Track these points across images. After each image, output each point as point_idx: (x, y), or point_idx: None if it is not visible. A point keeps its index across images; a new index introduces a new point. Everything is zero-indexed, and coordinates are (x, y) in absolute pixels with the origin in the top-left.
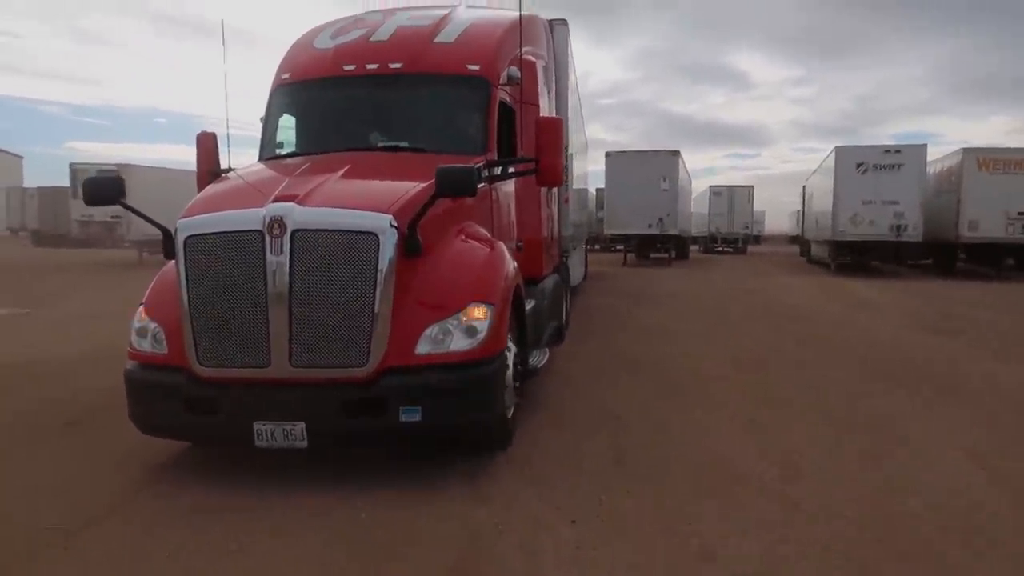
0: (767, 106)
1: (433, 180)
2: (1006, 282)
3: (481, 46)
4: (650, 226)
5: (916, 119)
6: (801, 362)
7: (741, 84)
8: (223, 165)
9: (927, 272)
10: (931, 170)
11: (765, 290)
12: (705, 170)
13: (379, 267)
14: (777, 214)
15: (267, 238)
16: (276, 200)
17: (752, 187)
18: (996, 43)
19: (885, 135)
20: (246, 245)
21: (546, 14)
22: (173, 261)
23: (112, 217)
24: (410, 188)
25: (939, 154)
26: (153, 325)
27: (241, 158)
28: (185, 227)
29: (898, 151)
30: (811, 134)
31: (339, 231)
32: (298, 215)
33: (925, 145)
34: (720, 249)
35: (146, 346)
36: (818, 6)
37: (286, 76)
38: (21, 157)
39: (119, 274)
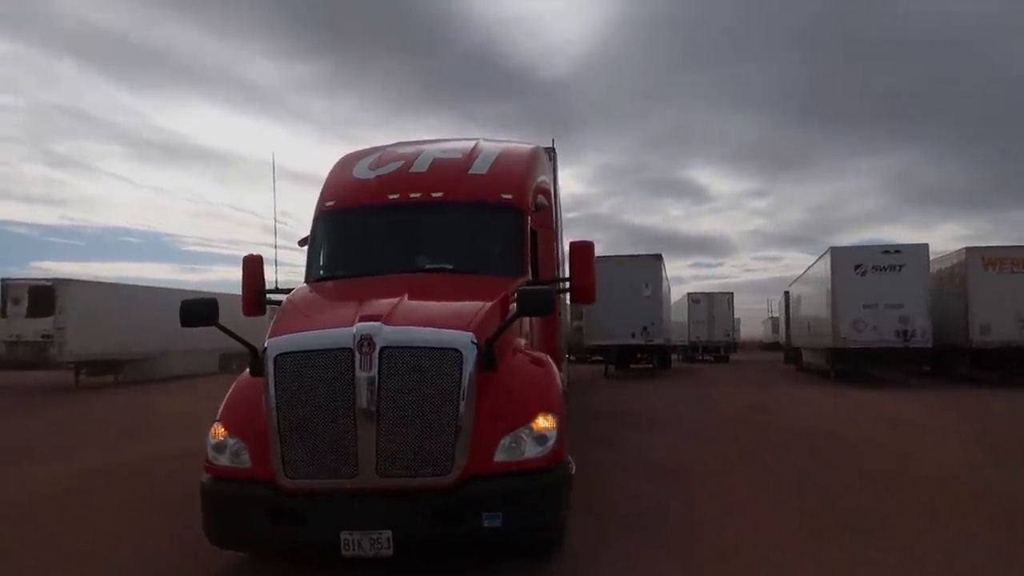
0: (726, 217)
1: (497, 299)
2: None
3: (512, 177)
4: (633, 335)
5: (871, 228)
6: (902, 520)
7: (700, 197)
8: (271, 284)
9: (933, 380)
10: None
11: (774, 407)
12: (673, 279)
13: (462, 381)
14: (747, 321)
15: (357, 355)
16: (362, 319)
17: (732, 294)
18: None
19: (842, 243)
20: (336, 362)
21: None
22: (242, 376)
23: (43, 336)
24: (478, 307)
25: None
26: (233, 440)
27: (214, 274)
28: (276, 346)
29: (898, 251)
30: (771, 243)
31: (425, 348)
32: (386, 333)
33: (927, 245)
34: (702, 358)
35: (225, 460)
36: (771, 123)
37: (331, 203)
38: None
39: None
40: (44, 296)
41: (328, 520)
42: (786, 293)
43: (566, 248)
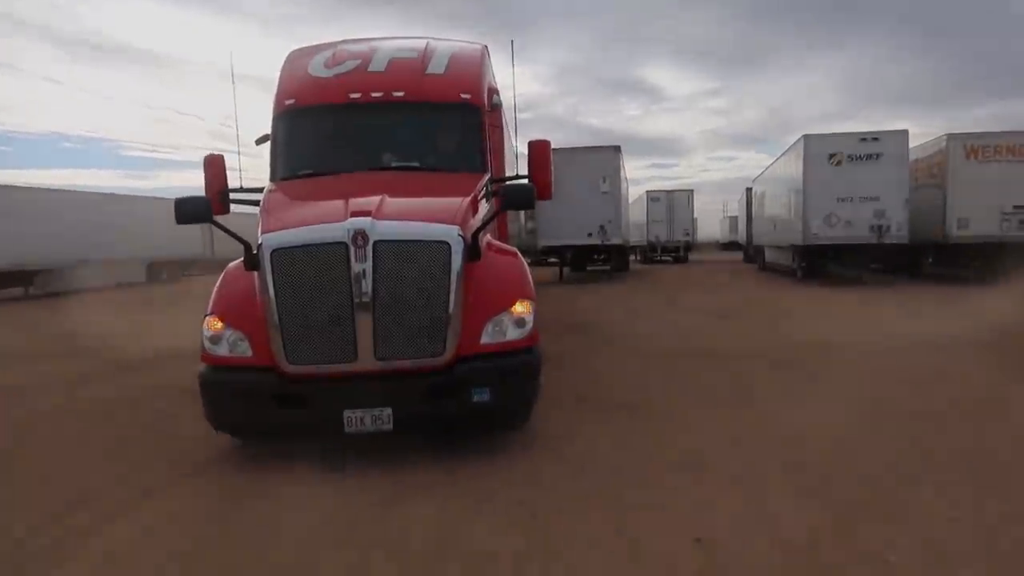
0: (682, 118)
1: (470, 195)
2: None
3: (468, 77)
4: (590, 235)
5: (828, 128)
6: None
7: (655, 97)
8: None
9: (899, 278)
10: None
11: (749, 314)
12: (630, 180)
13: (451, 271)
14: (703, 222)
15: (352, 248)
16: (353, 215)
17: (692, 191)
18: (905, 52)
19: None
20: (332, 255)
21: (467, 36)
22: (228, 271)
23: None
24: (457, 202)
25: None
26: (230, 332)
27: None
28: (271, 242)
29: (875, 139)
30: (727, 144)
31: (416, 241)
32: (380, 228)
33: (906, 131)
34: (660, 259)
35: (223, 351)
36: (727, 20)
37: (291, 102)
38: None
39: None
40: None
41: (331, 401)
42: (748, 190)
43: (519, 146)
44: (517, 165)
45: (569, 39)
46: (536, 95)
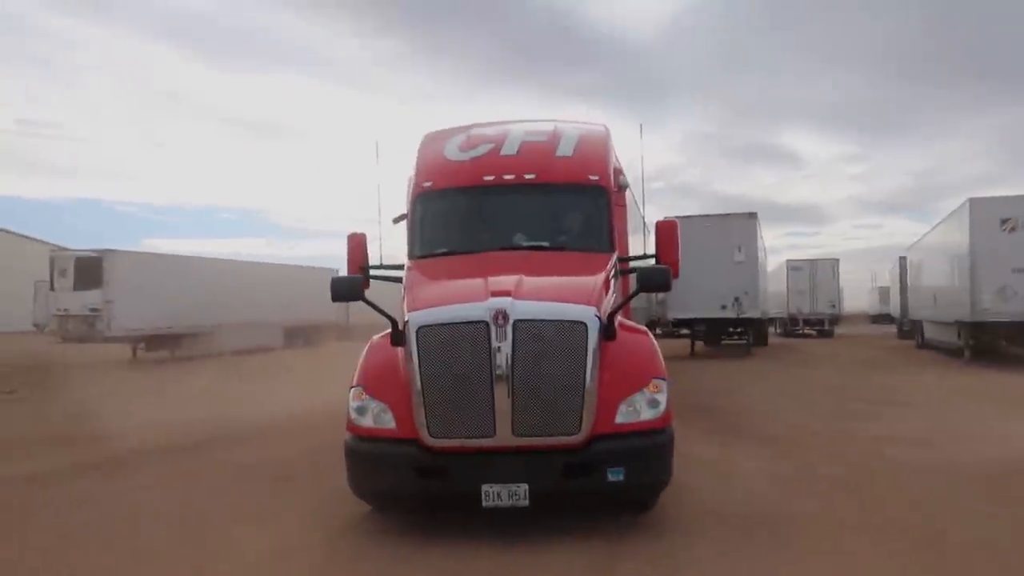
0: (821, 184)
1: (602, 274)
2: None
3: (596, 158)
4: (724, 307)
5: (980, 193)
6: None
7: (792, 163)
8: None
9: None
10: None
11: (914, 403)
12: (768, 249)
13: (588, 351)
14: (849, 293)
15: (492, 327)
16: (494, 295)
17: (837, 260)
18: None
19: (949, 209)
20: (474, 333)
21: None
22: (372, 344)
23: (91, 310)
24: (592, 282)
25: None
26: (374, 403)
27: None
28: (417, 319)
29: None
30: (870, 211)
31: (554, 320)
32: (519, 308)
33: None
34: (802, 332)
35: (368, 422)
36: (867, 84)
37: (428, 184)
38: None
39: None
40: (91, 268)
41: (470, 474)
42: (902, 259)
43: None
44: (645, 242)
45: (701, 107)
46: (667, 164)
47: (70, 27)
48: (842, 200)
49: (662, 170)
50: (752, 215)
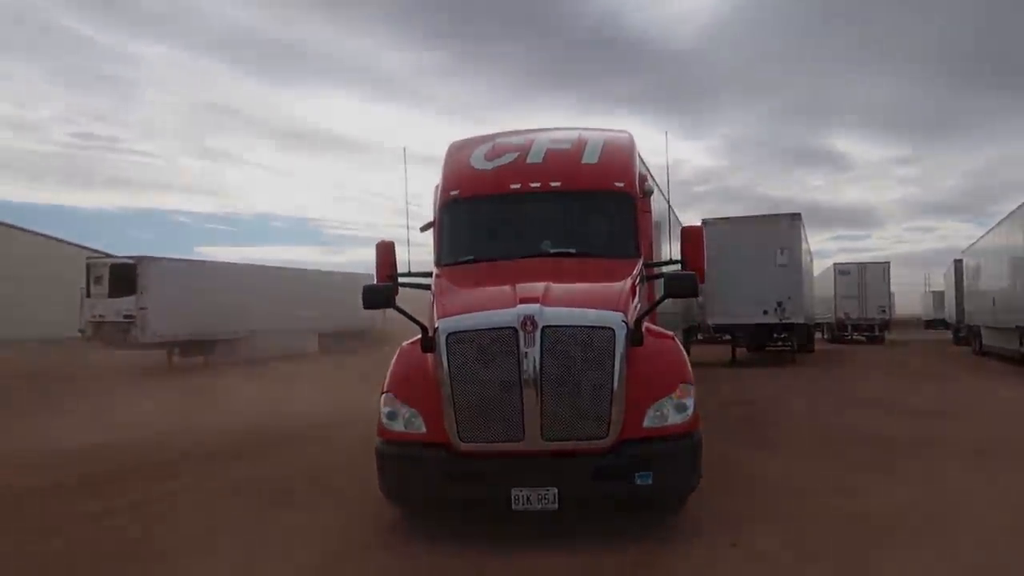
0: (871, 186)
1: (628, 280)
2: None
3: (621, 166)
4: (766, 312)
5: None
6: None
7: (840, 166)
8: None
9: None
10: None
11: (972, 417)
12: (815, 253)
13: (615, 356)
14: (901, 297)
15: (521, 334)
16: (522, 302)
17: (888, 263)
18: None
19: (1005, 211)
20: (503, 340)
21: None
22: (401, 351)
23: (125, 317)
24: (618, 288)
25: None
26: (405, 409)
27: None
28: (447, 326)
29: None
30: (923, 213)
31: (582, 327)
32: (547, 314)
33: None
34: (851, 337)
35: (399, 427)
36: (917, 85)
37: (455, 192)
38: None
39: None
40: (126, 274)
41: (499, 478)
42: (957, 262)
43: (684, 221)
44: (670, 248)
45: (746, 111)
46: (711, 168)
47: (122, 42)
48: (893, 203)
49: (707, 174)
50: (795, 216)
